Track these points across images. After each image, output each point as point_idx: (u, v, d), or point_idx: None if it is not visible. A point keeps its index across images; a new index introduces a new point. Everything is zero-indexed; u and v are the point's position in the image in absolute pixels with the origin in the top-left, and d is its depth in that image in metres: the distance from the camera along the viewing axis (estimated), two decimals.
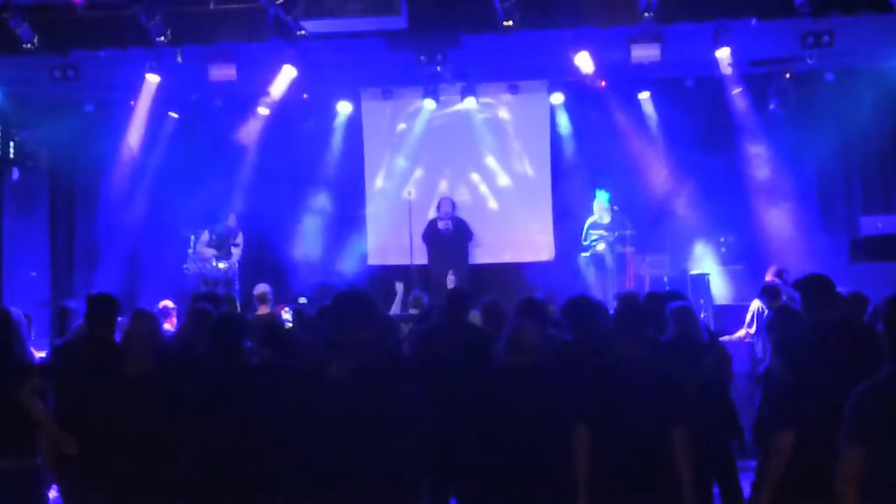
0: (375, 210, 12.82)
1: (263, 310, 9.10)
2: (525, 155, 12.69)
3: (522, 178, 12.67)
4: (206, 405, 4.52)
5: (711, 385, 5.42)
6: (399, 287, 9.52)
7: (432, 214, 12.41)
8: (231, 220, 11.78)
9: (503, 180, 12.71)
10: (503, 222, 12.60)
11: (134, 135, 11.96)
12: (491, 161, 12.73)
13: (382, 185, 12.84)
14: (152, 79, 10.88)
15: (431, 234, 12.10)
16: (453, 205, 12.17)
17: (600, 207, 11.34)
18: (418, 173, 12.74)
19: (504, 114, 12.71)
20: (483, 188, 12.73)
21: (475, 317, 6.37)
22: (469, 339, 5.80)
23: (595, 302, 5.72)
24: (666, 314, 5.57)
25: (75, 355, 5.33)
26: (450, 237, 12.00)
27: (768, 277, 9.91)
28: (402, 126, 12.74)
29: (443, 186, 12.66)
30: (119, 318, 5.65)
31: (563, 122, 12.39)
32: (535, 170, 12.64)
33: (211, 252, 11.41)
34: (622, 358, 4.38)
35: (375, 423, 4.09)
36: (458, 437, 4.81)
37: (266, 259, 12.67)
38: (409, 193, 12.12)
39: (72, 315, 7.42)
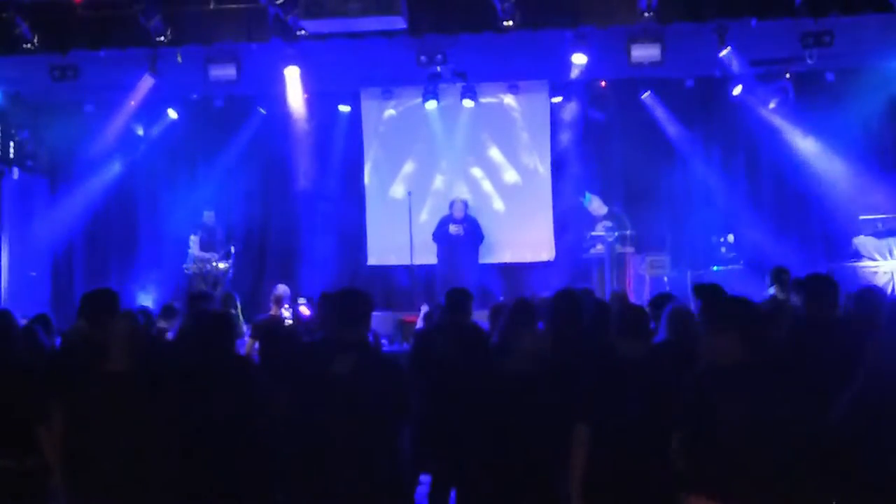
0: (375, 210, 12.82)
1: (276, 311, 9.19)
2: (526, 155, 12.69)
3: (523, 178, 12.66)
4: (198, 403, 4.51)
5: None
6: (424, 309, 9.46)
7: (426, 215, 12.30)
8: (210, 217, 11.67)
9: (503, 180, 12.70)
10: (503, 222, 12.59)
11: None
12: (491, 161, 12.73)
13: (382, 185, 12.84)
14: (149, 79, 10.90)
15: (443, 236, 11.80)
16: (466, 206, 11.89)
17: (594, 205, 11.36)
18: (418, 173, 12.74)
19: (504, 114, 12.71)
20: (483, 188, 12.72)
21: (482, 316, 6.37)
22: (469, 338, 5.81)
23: (580, 298, 5.65)
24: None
25: (76, 356, 5.29)
26: (461, 241, 11.73)
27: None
28: (390, 112, 12.73)
29: (443, 186, 12.63)
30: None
31: (564, 122, 12.38)
32: (535, 169, 12.64)
33: (209, 254, 11.40)
34: (624, 360, 4.36)
35: (377, 416, 4.11)
36: (457, 434, 4.80)
37: (266, 259, 12.68)
38: (409, 192, 12.12)
39: None
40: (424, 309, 9.60)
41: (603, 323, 5.29)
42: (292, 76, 10.90)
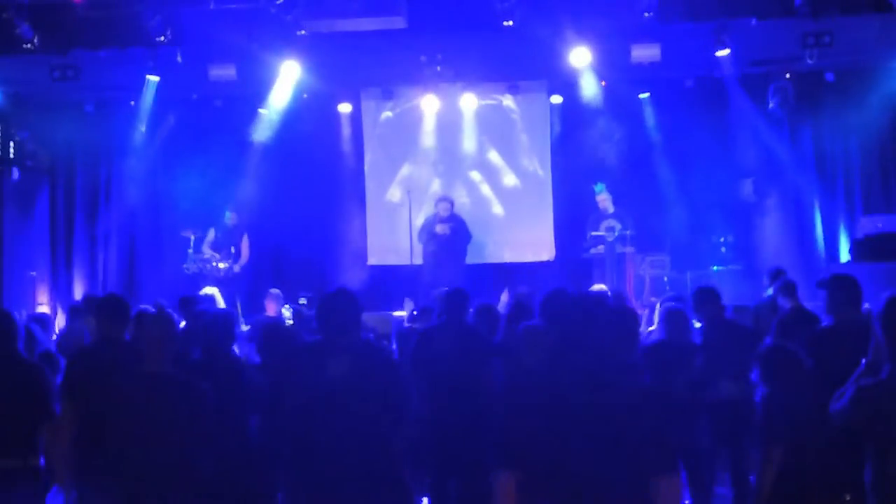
0: (375, 210, 12.81)
1: (271, 310, 9.23)
2: (526, 155, 12.67)
3: (523, 179, 12.64)
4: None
5: (700, 387, 5.48)
6: (409, 305, 9.44)
7: (423, 219, 12.11)
8: (231, 218, 11.70)
9: (503, 181, 12.68)
10: (503, 223, 12.58)
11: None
12: (491, 161, 12.71)
13: (381, 186, 12.82)
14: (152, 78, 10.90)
15: (428, 236, 11.66)
16: (452, 205, 11.78)
17: (603, 198, 11.37)
18: (417, 172, 12.72)
19: (504, 114, 12.69)
20: (482, 188, 12.70)
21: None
22: (468, 339, 5.80)
23: (571, 298, 5.63)
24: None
25: (92, 357, 5.28)
26: (446, 241, 11.55)
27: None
28: (388, 114, 12.71)
29: (441, 186, 12.61)
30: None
31: (563, 121, 12.38)
32: (535, 170, 12.62)
33: (211, 253, 11.40)
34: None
35: (375, 419, 4.11)
36: (456, 434, 4.81)
37: (266, 259, 12.67)
38: (408, 192, 12.11)
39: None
40: (410, 306, 9.59)
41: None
42: (292, 76, 10.89)
